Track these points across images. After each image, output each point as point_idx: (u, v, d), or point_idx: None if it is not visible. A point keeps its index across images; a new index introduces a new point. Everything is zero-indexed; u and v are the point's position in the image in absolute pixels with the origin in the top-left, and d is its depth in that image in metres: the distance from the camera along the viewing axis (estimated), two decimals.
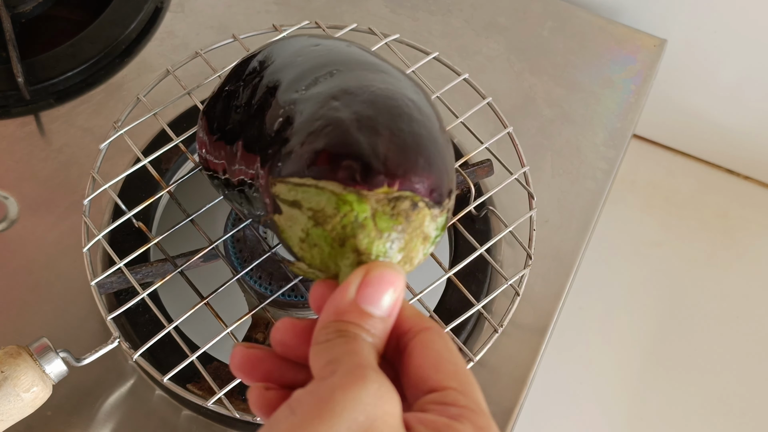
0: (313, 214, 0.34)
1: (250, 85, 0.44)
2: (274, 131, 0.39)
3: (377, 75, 0.39)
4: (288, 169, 0.36)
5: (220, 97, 0.46)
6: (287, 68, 0.42)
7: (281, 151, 0.37)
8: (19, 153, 0.62)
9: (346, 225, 0.33)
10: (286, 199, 0.36)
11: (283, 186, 0.36)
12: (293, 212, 0.35)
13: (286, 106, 0.39)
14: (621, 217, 0.86)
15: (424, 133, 0.36)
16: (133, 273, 0.50)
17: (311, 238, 0.34)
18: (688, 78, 0.82)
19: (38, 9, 0.70)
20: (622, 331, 0.82)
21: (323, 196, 0.34)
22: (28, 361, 0.44)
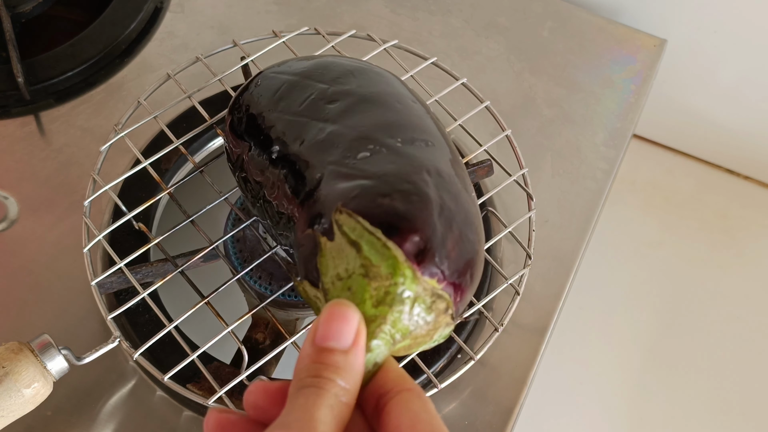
0: (368, 264, 0.34)
1: (318, 92, 0.44)
2: (357, 157, 0.39)
3: (458, 166, 0.42)
4: (362, 206, 0.36)
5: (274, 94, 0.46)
6: (381, 107, 0.43)
7: (357, 179, 0.38)
8: (19, 153, 0.62)
9: (390, 292, 0.34)
10: (346, 233, 0.36)
11: (350, 220, 0.36)
12: (347, 249, 0.35)
13: (376, 144, 0.40)
14: (621, 217, 0.86)
15: (479, 249, 0.38)
16: (133, 273, 0.50)
17: (350, 282, 0.34)
18: (688, 78, 0.82)
19: (38, 9, 0.70)
20: (622, 331, 0.82)
21: (386, 254, 0.34)
22: (29, 357, 0.44)
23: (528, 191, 0.55)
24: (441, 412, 0.53)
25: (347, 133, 0.41)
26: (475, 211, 0.40)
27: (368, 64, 0.48)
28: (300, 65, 0.47)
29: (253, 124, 0.46)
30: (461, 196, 0.39)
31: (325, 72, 0.46)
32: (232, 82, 0.59)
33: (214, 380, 0.47)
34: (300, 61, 0.48)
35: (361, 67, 0.47)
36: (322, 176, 0.40)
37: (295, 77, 0.46)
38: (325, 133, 0.42)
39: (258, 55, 0.56)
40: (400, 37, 0.67)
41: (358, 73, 0.46)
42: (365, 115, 0.42)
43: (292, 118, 0.44)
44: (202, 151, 0.62)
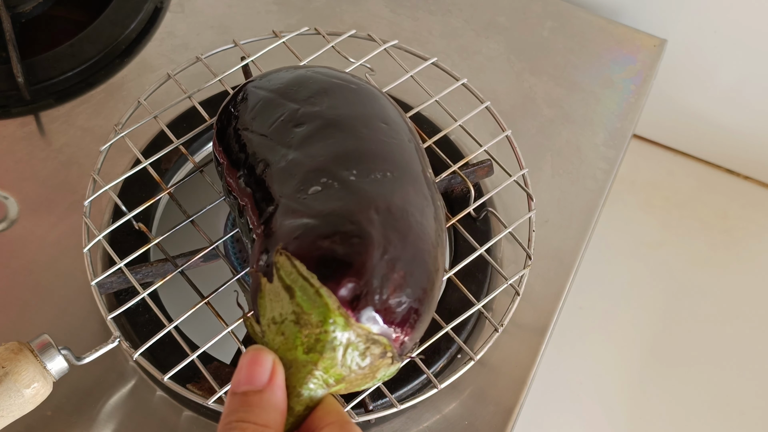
0: (299, 312, 0.34)
1: (284, 115, 0.43)
2: (308, 192, 0.39)
3: (420, 196, 0.40)
4: (301, 249, 0.36)
5: (244, 112, 0.46)
6: (345, 132, 0.42)
7: (303, 217, 0.37)
8: (19, 153, 0.62)
9: (321, 340, 0.34)
10: (282, 277, 0.36)
11: (287, 263, 0.36)
12: (282, 294, 0.35)
13: (330, 177, 0.39)
14: (621, 217, 0.86)
15: (430, 289, 0.37)
16: (133, 273, 0.50)
17: (283, 327, 0.35)
18: (688, 78, 0.82)
19: (38, 9, 0.70)
20: (622, 331, 0.82)
21: (317, 303, 0.34)
22: (29, 357, 0.44)
23: (528, 192, 0.55)
24: (441, 413, 0.53)
25: (305, 162, 0.40)
26: (428, 245, 0.38)
27: (348, 78, 0.46)
28: (280, 79, 0.46)
29: (230, 139, 0.45)
30: (412, 232, 0.38)
31: (300, 90, 0.45)
32: (233, 82, 0.59)
33: (214, 380, 0.47)
34: (283, 72, 0.47)
35: (338, 83, 0.45)
36: (275, 209, 0.39)
37: (271, 94, 0.45)
38: (286, 161, 0.41)
39: (258, 55, 0.56)
40: (400, 37, 0.67)
41: (332, 91, 0.44)
42: (327, 142, 0.41)
43: (261, 139, 0.43)
44: (202, 151, 0.62)
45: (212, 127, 0.56)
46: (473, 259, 0.51)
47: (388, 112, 0.44)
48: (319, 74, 0.46)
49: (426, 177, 0.42)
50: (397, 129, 0.43)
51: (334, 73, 0.47)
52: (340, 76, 0.47)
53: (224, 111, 0.47)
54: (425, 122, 0.61)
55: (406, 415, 0.53)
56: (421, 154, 0.44)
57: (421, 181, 0.41)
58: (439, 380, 0.49)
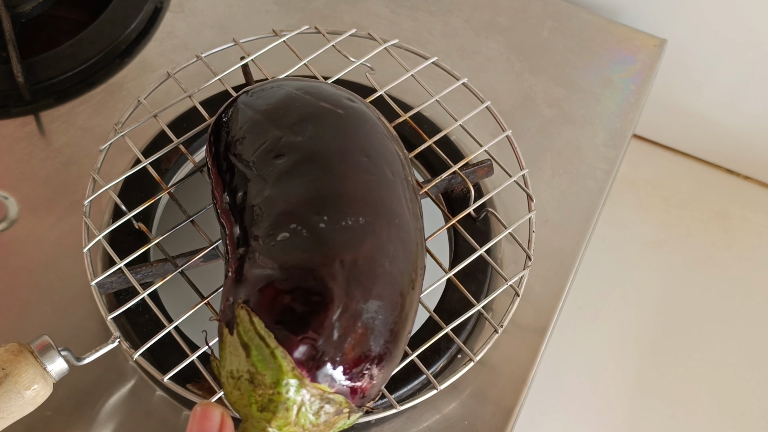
0: (254, 371, 0.35)
1: (266, 144, 0.42)
2: (277, 238, 0.38)
3: (393, 239, 0.39)
4: (260, 304, 0.36)
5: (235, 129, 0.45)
6: (322, 170, 0.40)
7: (268, 268, 0.36)
8: (19, 153, 0.62)
9: (273, 400, 0.34)
10: (241, 333, 0.36)
11: (246, 319, 0.36)
12: (240, 350, 0.36)
13: (299, 223, 0.38)
14: (621, 217, 0.86)
15: (395, 339, 0.37)
16: (133, 273, 0.50)
17: (239, 383, 0.35)
18: (688, 78, 0.82)
19: (38, 9, 0.70)
20: (622, 331, 0.82)
21: (272, 364, 0.34)
22: (29, 359, 0.44)
23: (528, 192, 0.55)
24: (441, 413, 0.53)
25: (279, 203, 0.39)
26: (395, 294, 0.37)
27: (337, 99, 0.45)
28: (269, 98, 0.45)
29: (219, 155, 0.45)
30: (379, 283, 0.37)
31: (286, 114, 0.43)
32: (233, 81, 0.59)
33: (213, 380, 0.47)
34: (275, 89, 0.46)
35: (324, 109, 0.44)
36: (245, 253, 0.39)
37: (258, 116, 0.44)
38: (262, 197, 0.40)
39: (258, 54, 0.56)
40: (401, 36, 0.67)
41: (317, 118, 0.43)
42: (302, 180, 0.40)
43: (244, 167, 0.42)
44: (202, 151, 0.62)
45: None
46: (473, 259, 0.51)
47: (372, 141, 0.43)
48: (308, 95, 0.45)
49: (406, 208, 0.41)
50: (378, 161, 0.42)
51: (326, 92, 0.45)
52: (329, 97, 0.45)
53: (217, 122, 0.47)
54: (425, 122, 0.61)
55: (406, 416, 0.53)
56: (402, 181, 0.42)
57: (397, 220, 0.40)
58: (439, 381, 0.49)
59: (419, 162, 0.61)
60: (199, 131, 0.55)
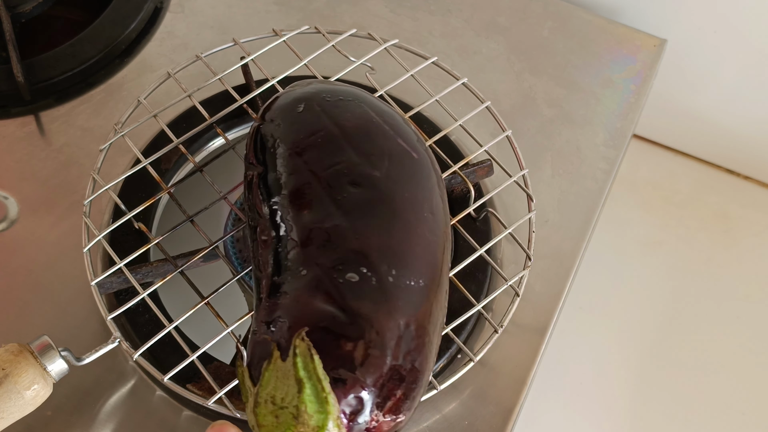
0: (302, 410, 0.35)
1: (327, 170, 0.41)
2: (345, 276, 0.38)
3: (438, 307, 0.40)
4: (324, 344, 0.36)
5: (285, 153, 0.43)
6: (397, 220, 0.40)
7: (333, 305, 0.37)
8: (19, 153, 0.62)
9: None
10: (298, 365, 0.35)
11: (306, 354, 0.35)
12: (291, 381, 0.35)
13: (370, 269, 0.38)
14: (621, 217, 0.86)
15: (419, 397, 0.38)
16: (133, 273, 0.50)
17: (280, 413, 0.35)
18: (688, 78, 0.82)
19: (38, 9, 0.70)
20: (622, 331, 0.82)
21: (321, 408, 0.35)
22: (29, 359, 0.44)
23: (528, 192, 0.55)
24: (441, 412, 0.53)
25: (350, 237, 0.39)
26: (431, 362, 0.39)
27: (411, 139, 0.44)
28: (348, 113, 0.44)
29: (272, 152, 0.43)
30: (423, 352, 0.38)
31: (366, 141, 0.43)
32: (233, 81, 0.59)
33: (213, 381, 0.47)
34: (353, 103, 0.45)
35: (402, 149, 0.43)
36: (305, 275, 0.38)
37: (335, 129, 0.43)
38: (330, 223, 0.39)
39: (258, 54, 0.56)
40: (400, 36, 0.67)
41: (395, 156, 0.42)
42: (378, 223, 0.40)
43: (310, 178, 0.41)
44: (202, 151, 0.62)
45: (214, 126, 0.55)
46: (473, 259, 0.51)
47: (435, 197, 0.43)
48: (387, 125, 0.44)
49: (444, 272, 0.42)
50: (438, 220, 0.42)
51: (401, 126, 0.45)
52: (405, 135, 0.44)
53: (279, 109, 0.45)
54: (425, 122, 0.61)
55: None
56: (448, 241, 0.43)
57: (445, 287, 0.41)
58: (439, 381, 0.49)
59: None
60: (199, 131, 0.55)
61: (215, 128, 0.56)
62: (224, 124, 0.61)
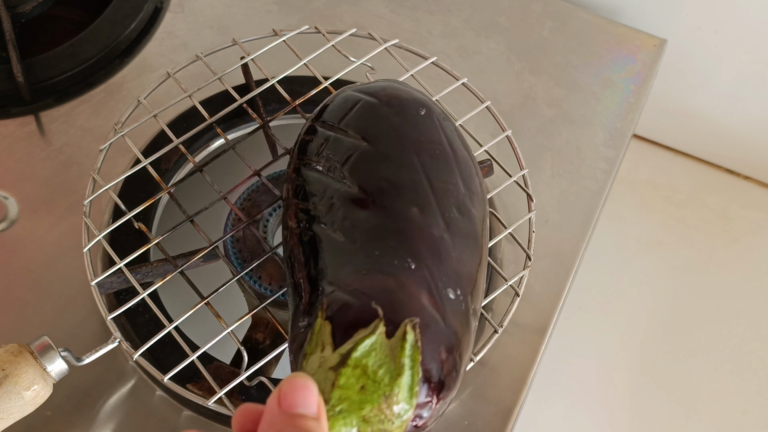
0: (396, 392, 0.35)
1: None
2: (446, 293, 0.39)
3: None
4: (428, 342, 0.36)
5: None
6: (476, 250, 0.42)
7: (442, 315, 0.38)
8: (19, 153, 0.62)
9: (383, 424, 0.35)
10: (405, 348, 0.36)
11: (413, 341, 0.36)
12: (389, 360, 0.35)
13: (462, 290, 0.40)
14: (621, 217, 0.86)
15: None
16: (133, 273, 0.50)
17: (370, 384, 0.35)
18: (688, 78, 0.82)
19: (38, 9, 0.70)
20: (622, 331, 0.82)
21: (406, 399, 0.35)
22: (29, 360, 0.44)
23: (528, 192, 0.55)
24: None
25: (453, 257, 0.41)
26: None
27: (470, 165, 0.46)
28: (458, 138, 0.46)
29: (384, 135, 0.44)
30: (462, 367, 0.40)
31: (468, 175, 0.45)
32: (233, 81, 0.59)
33: (213, 381, 0.47)
34: (426, 119, 0.46)
35: (480, 188, 0.46)
36: (413, 270, 0.39)
37: (450, 150, 0.45)
38: (438, 234, 0.41)
39: (258, 54, 0.56)
40: (400, 36, 0.67)
41: (480, 197, 0.45)
42: (469, 256, 0.42)
43: (423, 180, 0.43)
44: (202, 151, 0.62)
45: (213, 126, 0.55)
46: None
47: (485, 225, 0.45)
48: (473, 166, 0.46)
49: None
50: (483, 244, 0.44)
51: (465, 155, 0.46)
52: (479, 179, 0.46)
53: (403, 104, 0.46)
54: None
55: None
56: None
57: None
58: None
59: None
60: (199, 131, 0.55)
61: (215, 128, 0.56)
62: (224, 124, 0.61)
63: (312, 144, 0.45)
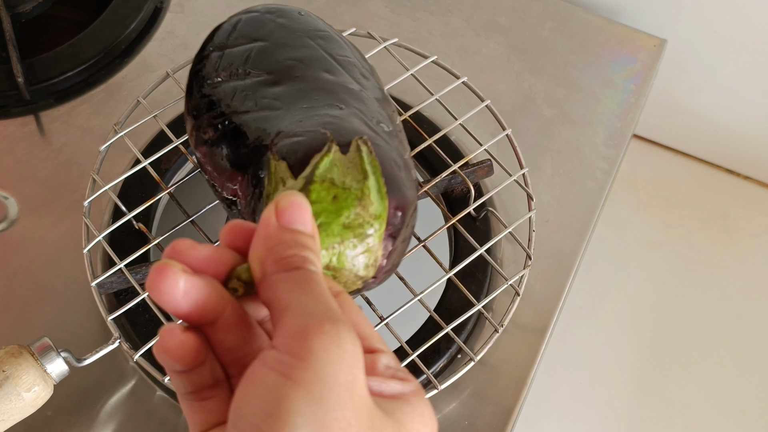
0: (367, 193, 0.36)
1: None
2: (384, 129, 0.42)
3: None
4: (383, 154, 0.39)
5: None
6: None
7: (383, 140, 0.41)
8: (19, 153, 0.62)
9: (363, 228, 0.36)
10: (363, 157, 0.37)
11: (367, 152, 0.37)
12: (355, 170, 0.37)
13: (384, 121, 0.43)
14: (621, 217, 0.86)
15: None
16: (133, 273, 0.50)
17: (341, 193, 0.36)
18: (688, 78, 0.82)
19: (38, 9, 0.70)
20: (622, 331, 0.82)
21: (381, 202, 0.37)
22: (29, 361, 0.44)
23: (528, 191, 0.55)
24: (441, 412, 0.53)
25: (377, 106, 0.44)
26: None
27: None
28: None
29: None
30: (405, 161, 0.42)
31: None
32: None
33: None
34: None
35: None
36: (343, 111, 0.41)
37: None
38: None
39: None
40: (401, 36, 0.67)
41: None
42: (385, 106, 0.45)
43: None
44: None
45: None
46: (473, 259, 0.51)
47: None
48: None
49: None
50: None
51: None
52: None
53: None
54: (425, 122, 0.61)
55: None
56: None
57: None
58: (439, 380, 0.49)
59: (419, 162, 0.61)
60: None
61: None
62: None
63: (206, 68, 0.46)
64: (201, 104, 0.45)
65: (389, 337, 0.48)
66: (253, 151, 0.41)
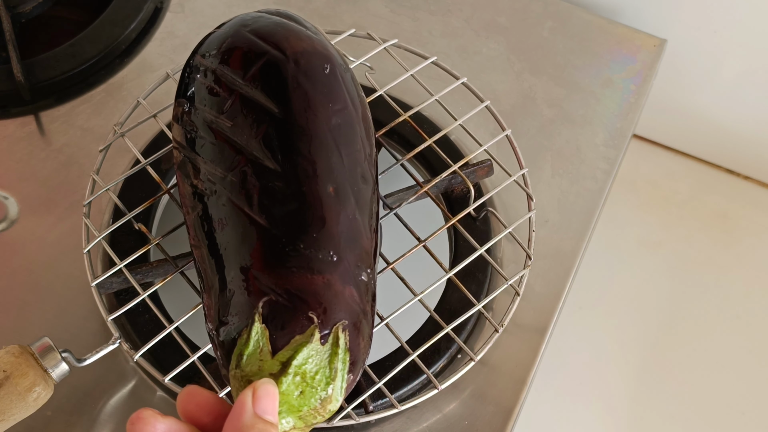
0: (331, 395, 0.38)
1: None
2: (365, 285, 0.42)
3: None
4: (354, 344, 0.40)
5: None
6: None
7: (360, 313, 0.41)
8: (19, 153, 0.62)
9: (316, 420, 0.38)
10: (338, 353, 0.39)
11: (344, 345, 0.39)
12: (326, 365, 0.38)
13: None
14: (621, 217, 0.86)
15: None
16: (133, 273, 0.50)
17: (307, 390, 0.37)
18: (688, 78, 0.82)
19: (38, 9, 0.70)
20: (622, 331, 0.82)
21: (338, 398, 0.38)
22: (29, 361, 0.44)
23: (528, 191, 0.55)
24: (441, 412, 0.53)
25: (363, 239, 0.43)
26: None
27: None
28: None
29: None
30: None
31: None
32: None
33: (214, 381, 0.47)
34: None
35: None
36: (335, 262, 0.41)
37: None
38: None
39: None
40: (400, 37, 0.67)
41: None
42: (367, 221, 0.44)
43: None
44: None
45: None
46: (473, 259, 0.51)
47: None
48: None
49: None
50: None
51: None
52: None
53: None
54: (425, 122, 0.61)
55: (406, 415, 0.53)
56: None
57: None
58: (440, 380, 0.49)
59: (419, 162, 0.61)
60: None
61: None
62: None
63: (215, 97, 0.45)
64: (198, 135, 0.45)
65: (389, 337, 0.49)
66: (235, 258, 0.41)
